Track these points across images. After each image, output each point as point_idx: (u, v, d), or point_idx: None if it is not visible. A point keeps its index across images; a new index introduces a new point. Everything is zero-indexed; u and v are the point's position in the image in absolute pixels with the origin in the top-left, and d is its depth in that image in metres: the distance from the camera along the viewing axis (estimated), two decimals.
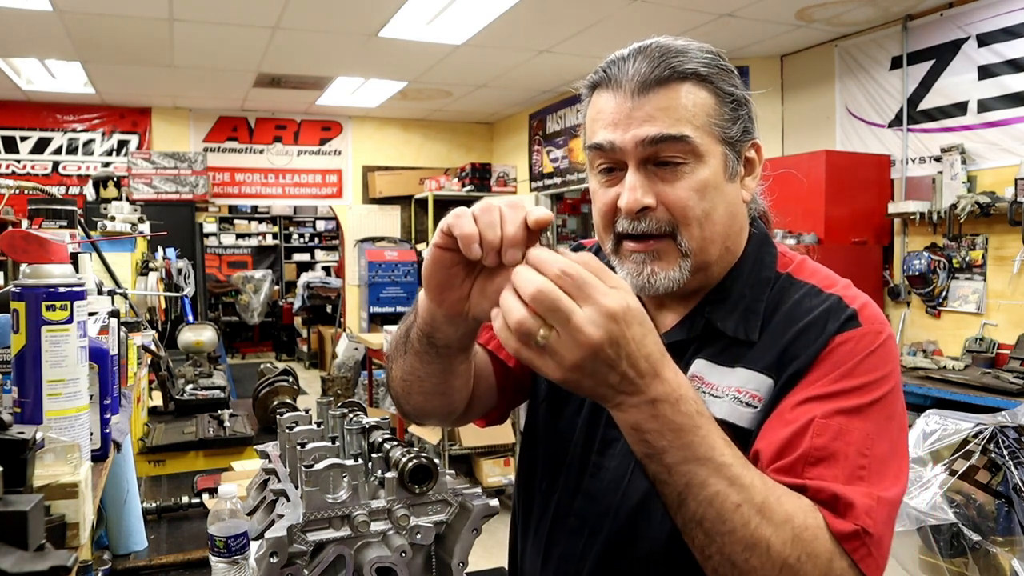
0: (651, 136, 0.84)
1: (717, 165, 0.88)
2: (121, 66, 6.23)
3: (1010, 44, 4.10)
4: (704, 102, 0.87)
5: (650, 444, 0.69)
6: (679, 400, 0.69)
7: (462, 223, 0.72)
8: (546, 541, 1.00)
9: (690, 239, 0.87)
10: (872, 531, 0.73)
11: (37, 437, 0.70)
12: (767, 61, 5.74)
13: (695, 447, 0.69)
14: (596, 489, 0.95)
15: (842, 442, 0.77)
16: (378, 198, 8.77)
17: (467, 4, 4.72)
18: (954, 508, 2.48)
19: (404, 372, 0.93)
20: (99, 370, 1.04)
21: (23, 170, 7.64)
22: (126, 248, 3.14)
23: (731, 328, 0.90)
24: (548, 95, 7.40)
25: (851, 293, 0.89)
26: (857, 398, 0.80)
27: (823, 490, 0.75)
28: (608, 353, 0.64)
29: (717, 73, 0.88)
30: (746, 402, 0.86)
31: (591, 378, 0.66)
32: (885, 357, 0.84)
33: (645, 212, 0.87)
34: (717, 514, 0.69)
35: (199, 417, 2.85)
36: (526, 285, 0.64)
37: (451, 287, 0.78)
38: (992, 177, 4.24)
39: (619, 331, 0.64)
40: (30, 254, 0.85)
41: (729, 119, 0.88)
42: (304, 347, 10.40)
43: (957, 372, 3.92)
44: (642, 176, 0.86)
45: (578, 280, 0.64)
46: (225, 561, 1.10)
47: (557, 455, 1.01)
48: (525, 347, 0.66)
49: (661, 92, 0.85)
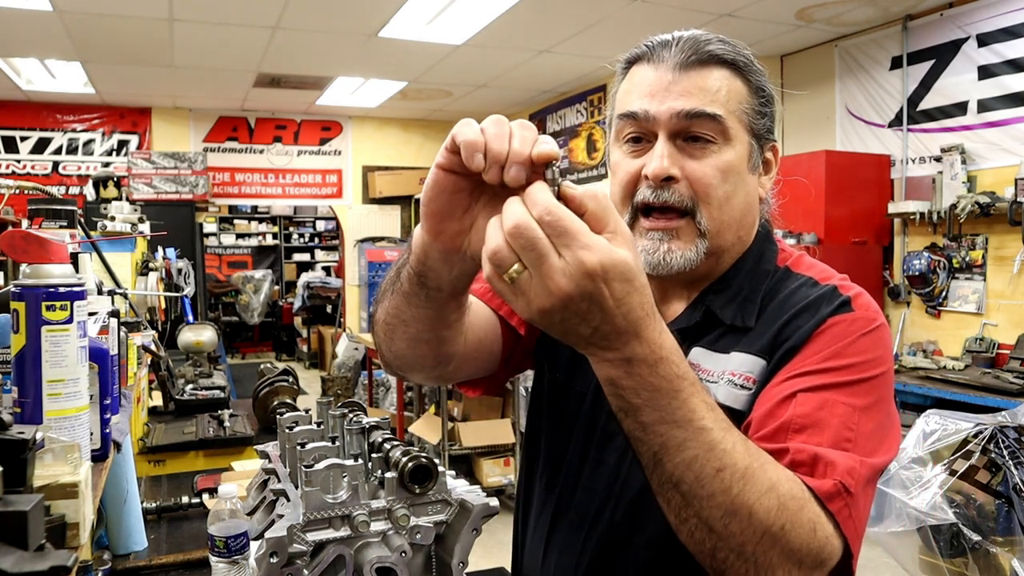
0: (687, 110, 0.87)
1: (743, 151, 0.90)
2: (121, 66, 6.23)
3: (1010, 44, 4.11)
4: (738, 89, 0.90)
5: (624, 399, 0.67)
6: (659, 362, 0.66)
7: (467, 131, 0.65)
8: (546, 535, 1.01)
9: (709, 219, 0.89)
10: (852, 490, 0.73)
11: (37, 437, 0.70)
12: (767, 61, 5.71)
13: (673, 410, 0.66)
14: (595, 483, 0.96)
15: (827, 412, 0.77)
16: (378, 198, 8.78)
17: (467, 4, 4.72)
18: (954, 508, 2.47)
19: (388, 314, 0.87)
20: (99, 370, 1.04)
21: (23, 170, 7.65)
22: (126, 248, 3.14)
23: (729, 317, 0.92)
24: (548, 95, 7.40)
25: (847, 284, 0.91)
26: (845, 375, 0.81)
27: (802, 450, 0.74)
28: (580, 306, 0.61)
29: (751, 67, 0.92)
30: (740, 384, 0.87)
31: (561, 325, 0.63)
32: (876, 342, 0.84)
33: (669, 183, 0.88)
34: (695, 478, 0.67)
35: (199, 417, 2.85)
36: (508, 217, 0.61)
37: (451, 217, 0.71)
38: (992, 177, 4.24)
39: (594, 287, 0.60)
40: (30, 254, 0.85)
41: (759, 112, 0.91)
42: (304, 347, 10.40)
43: (957, 372, 3.92)
44: (672, 147, 0.88)
45: (558, 227, 0.60)
46: (225, 561, 1.10)
47: (558, 450, 1.02)
48: (497, 279, 0.63)
49: (702, 71, 0.88)
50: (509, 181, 0.64)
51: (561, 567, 0.97)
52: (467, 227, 0.72)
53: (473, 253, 0.72)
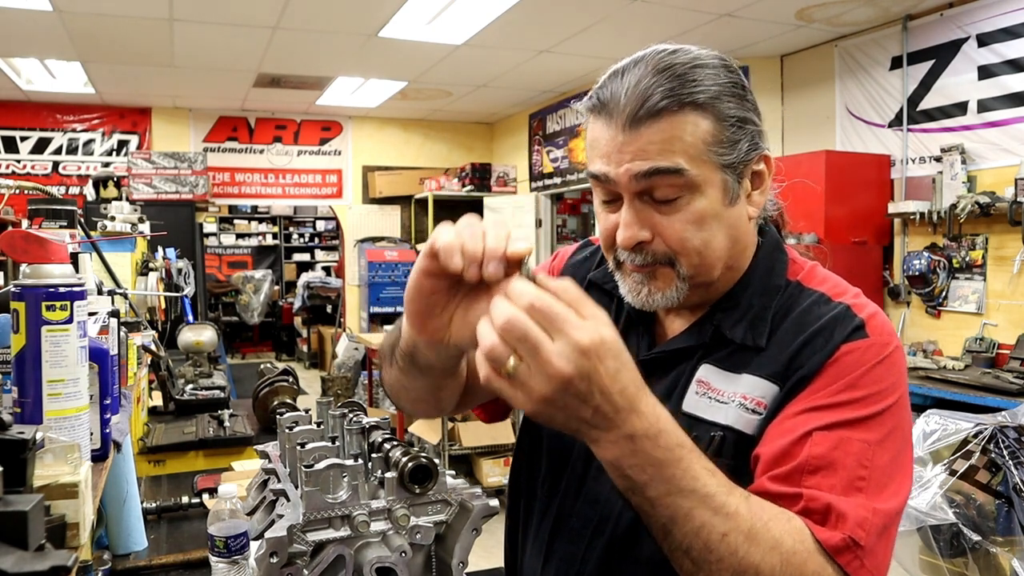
0: (643, 170, 0.82)
1: (715, 194, 0.85)
2: (121, 66, 6.23)
3: (1010, 44, 4.10)
4: (701, 130, 0.82)
5: (631, 479, 0.69)
6: (659, 434, 0.68)
7: (444, 234, 0.72)
8: (547, 542, 1.00)
9: (689, 267, 0.87)
10: (863, 543, 0.73)
11: (37, 437, 0.70)
12: (767, 61, 5.74)
13: (677, 480, 0.69)
14: (598, 492, 0.95)
15: (841, 451, 0.77)
16: (378, 198, 8.78)
17: (467, 4, 4.72)
18: (954, 508, 2.47)
19: (391, 380, 0.96)
20: (99, 370, 1.04)
21: (23, 170, 7.64)
22: (126, 248, 3.14)
23: (739, 336, 0.90)
24: (548, 95, 7.40)
25: (860, 302, 0.89)
26: (859, 409, 0.80)
27: (817, 499, 0.75)
28: (579, 387, 0.64)
29: (717, 95, 0.83)
30: (752, 409, 0.86)
31: (562, 411, 0.66)
32: (891, 368, 0.83)
33: (642, 246, 0.86)
34: (704, 544, 0.70)
35: (199, 417, 2.85)
36: (498, 315, 0.64)
37: (431, 315, 0.78)
38: (992, 177, 4.24)
39: (590, 365, 0.63)
40: (30, 254, 0.85)
41: (729, 143, 0.84)
42: (304, 347, 10.40)
43: (957, 372, 3.92)
44: (637, 210, 0.85)
45: (548, 313, 0.63)
46: (225, 561, 1.10)
47: (561, 457, 1.01)
48: (496, 375, 0.65)
49: (654, 125, 0.81)
50: (488, 277, 0.69)
51: (563, 574, 0.97)
52: (447, 321, 0.79)
53: (455, 342, 0.79)
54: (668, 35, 5.19)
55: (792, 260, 0.96)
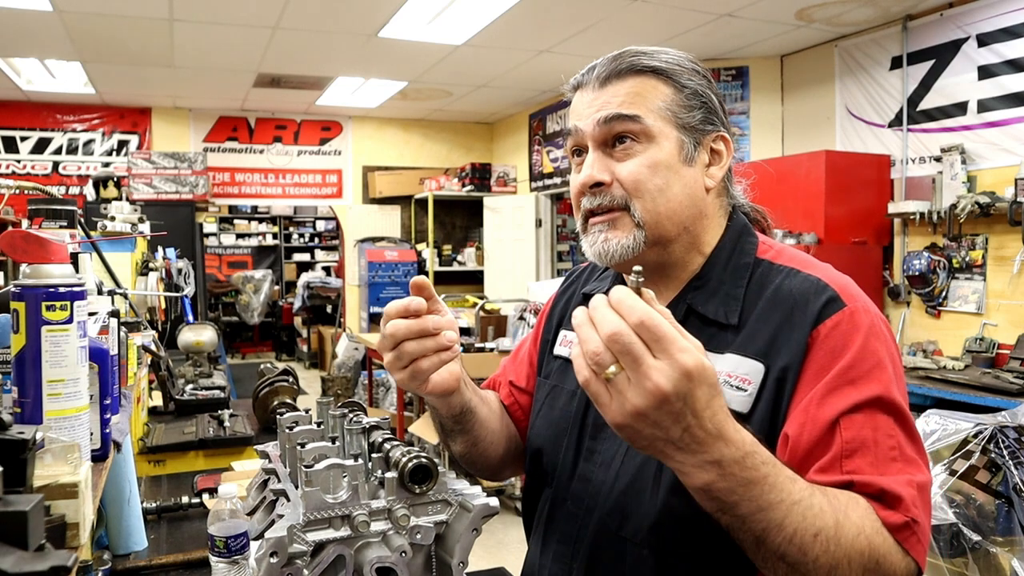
0: (605, 116, 0.94)
1: (671, 147, 0.94)
2: (121, 66, 6.23)
3: (1010, 44, 4.10)
4: (659, 91, 0.95)
5: (721, 500, 0.71)
6: (745, 456, 0.70)
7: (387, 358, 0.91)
8: (545, 526, 1.04)
9: (643, 211, 0.93)
10: (919, 520, 0.78)
11: (37, 437, 0.70)
12: (767, 61, 5.74)
13: (766, 495, 0.71)
14: (590, 472, 0.98)
15: (869, 430, 0.82)
16: (378, 198, 8.77)
17: (467, 4, 4.72)
18: (954, 508, 2.47)
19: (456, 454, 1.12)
20: (99, 370, 1.04)
21: (23, 170, 7.64)
22: (126, 248, 3.13)
23: (711, 311, 0.94)
24: (548, 95, 7.40)
25: (830, 274, 0.92)
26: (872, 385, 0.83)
27: (869, 485, 0.79)
28: (675, 406, 0.65)
29: (677, 70, 0.96)
30: (736, 386, 0.89)
31: (653, 428, 0.67)
32: (879, 335, 0.87)
33: (601, 188, 0.95)
34: (799, 549, 0.73)
35: (199, 417, 2.85)
36: (604, 324, 0.65)
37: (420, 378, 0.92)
38: (992, 177, 4.24)
39: (689, 388, 0.65)
40: (30, 254, 0.85)
41: (686, 108, 0.95)
42: (304, 347, 10.39)
43: (957, 372, 3.92)
44: (598, 157, 0.95)
45: (656, 332, 0.64)
46: (225, 561, 1.10)
47: (555, 445, 1.05)
48: (595, 378, 0.66)
49: (619, 83, 0.95)
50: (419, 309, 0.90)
51: (559, 554, 1.00)
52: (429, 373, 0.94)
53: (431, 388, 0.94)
54: (668, 35, 5.19)
55: (762, 241, 1.00)
